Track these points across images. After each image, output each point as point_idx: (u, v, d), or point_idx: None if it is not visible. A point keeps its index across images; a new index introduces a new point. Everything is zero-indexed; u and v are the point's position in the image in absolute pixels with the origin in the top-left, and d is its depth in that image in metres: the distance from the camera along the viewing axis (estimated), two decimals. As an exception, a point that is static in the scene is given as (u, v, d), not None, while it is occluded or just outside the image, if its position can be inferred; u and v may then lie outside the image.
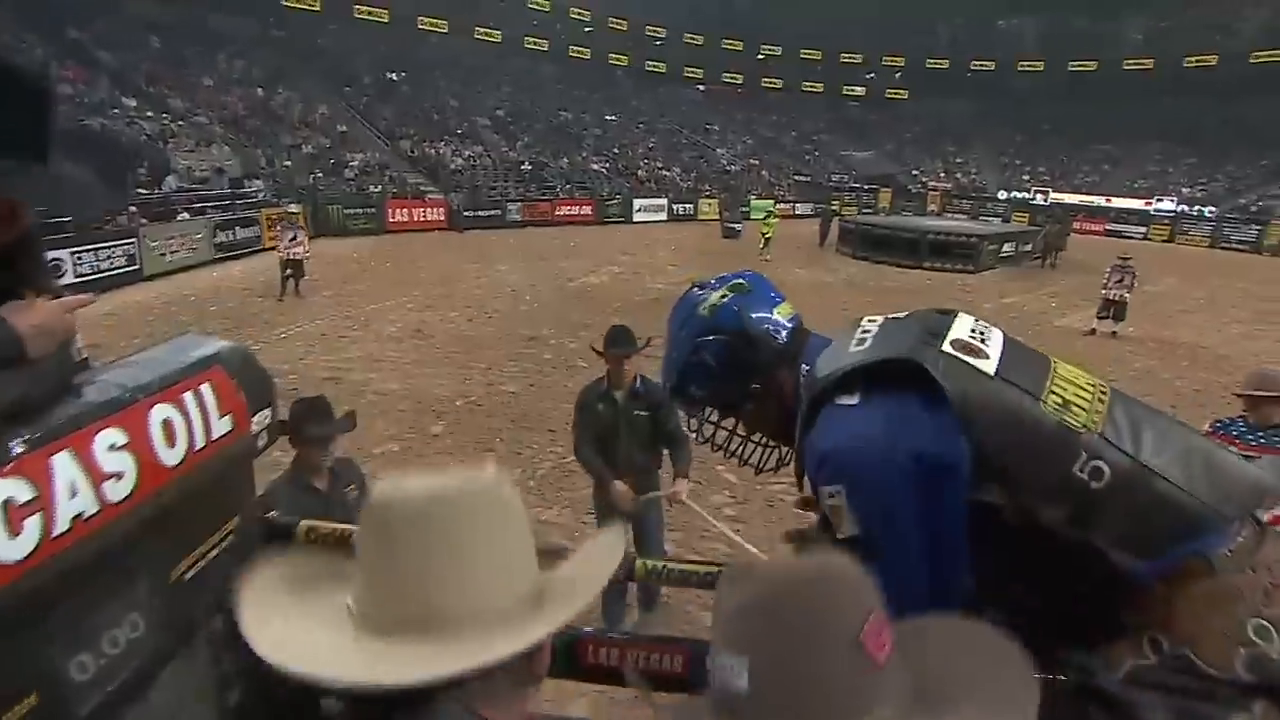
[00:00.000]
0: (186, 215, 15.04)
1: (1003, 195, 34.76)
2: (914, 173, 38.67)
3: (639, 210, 26.46)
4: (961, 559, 0.96)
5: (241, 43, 27.42)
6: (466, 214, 21.59)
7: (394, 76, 30.60)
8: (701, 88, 42.80)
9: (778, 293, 1.27)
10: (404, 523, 0.65)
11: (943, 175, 38.29)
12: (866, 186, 34.67)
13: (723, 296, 1.21)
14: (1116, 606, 0.94)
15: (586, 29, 39.17)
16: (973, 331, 1.09)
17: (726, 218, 23.01)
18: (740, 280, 1.24)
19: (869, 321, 1.14)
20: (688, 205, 27.86)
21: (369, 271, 14.10)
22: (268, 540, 1.35)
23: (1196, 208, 30.56)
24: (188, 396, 1.09)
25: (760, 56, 43.16)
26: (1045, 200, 33.36)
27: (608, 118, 35.63)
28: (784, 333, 1.21)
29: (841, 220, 21.96)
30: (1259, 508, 0.96)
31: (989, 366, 1.02)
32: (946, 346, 1.04)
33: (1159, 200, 31.98)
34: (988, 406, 0.97)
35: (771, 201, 20.03)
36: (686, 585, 1.35)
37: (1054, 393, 1.01)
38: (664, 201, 27.58)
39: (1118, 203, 32.39)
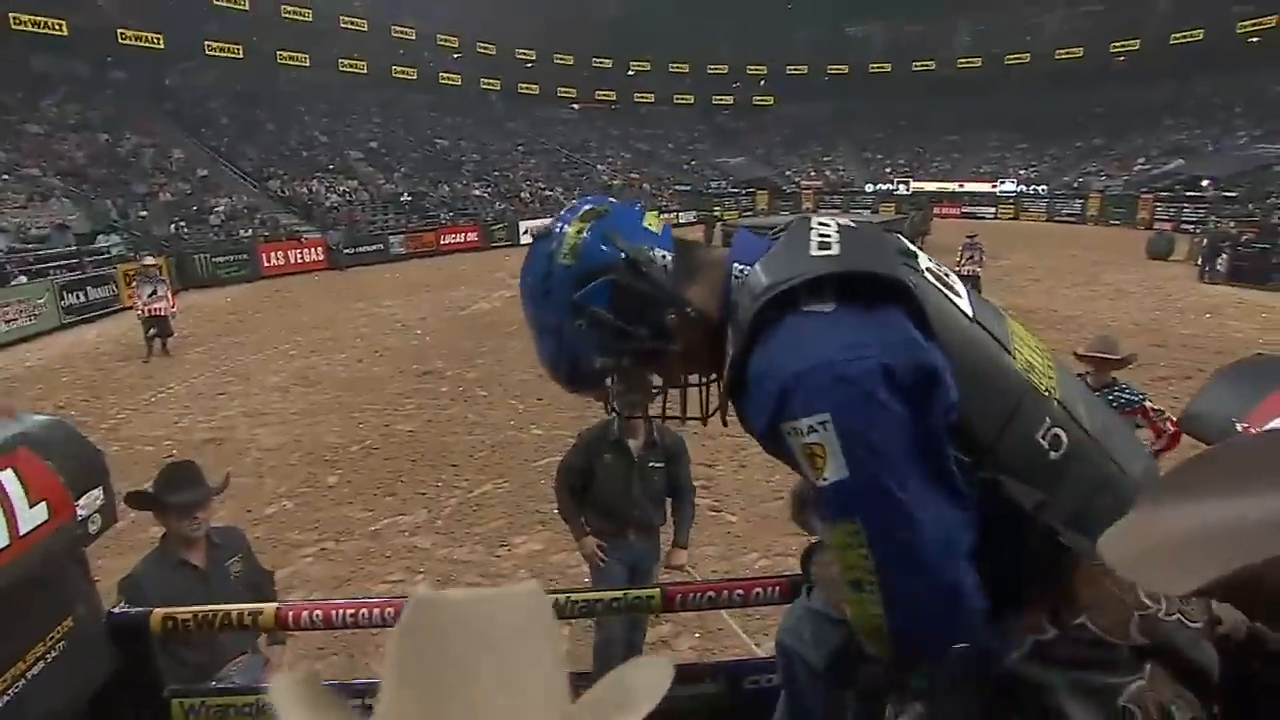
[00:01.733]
0: (24, 279, 13.61)
1: (869, 188, 37.04)
2: (786, 173, 40.57)
3: (526, 232, 26.25)
4: (962, 493, 0.81)
5: (74, 85, 25.22)
6: (347, 251, 20.71)
7: (257, 113, 29.04)
8: (576, 106, 43.20)
9: (630, 206, 1.03)
10: (453, 641, 0.52)
11: (812, 174, 40.36)
12: (744, 190, 36.05)
13: (578, 232, 0.95)
14: (1032, 582, 0.87)
15: (455, 55, 38.71)
16: (933, 261, 0.96)
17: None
18: (587, 207, 0.99)
19: (820, 224, 0.93)
20: (575, 223, 27.89)
21: (246, 321, 13.25)
22: (116, 640, 1.24)
23: (1033, 187, 34.00)
24: (-20, 490, 0.96)
25: (630, 72, 44.06)
26: (908, 190, 35.85)
27: (485, 142, 35.26)
28: (666, 245, 0.98)
29: (724, 225, 22.68)
30: (1152, 475, 0.94)
31: (965, 306, 0.91)
32: (927, 275, 0.91)
33: (1002, 183, 35.21)
34: (965, 350, 0.85)
35: (655, 213, 20.41)
36: (594, 615, 1.34)
37: (1020, 350, 0.92)
38: (549, 221, 27.50)
39: (969, 186, 35.36)
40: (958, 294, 0.93)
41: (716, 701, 1.32)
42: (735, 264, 0.95)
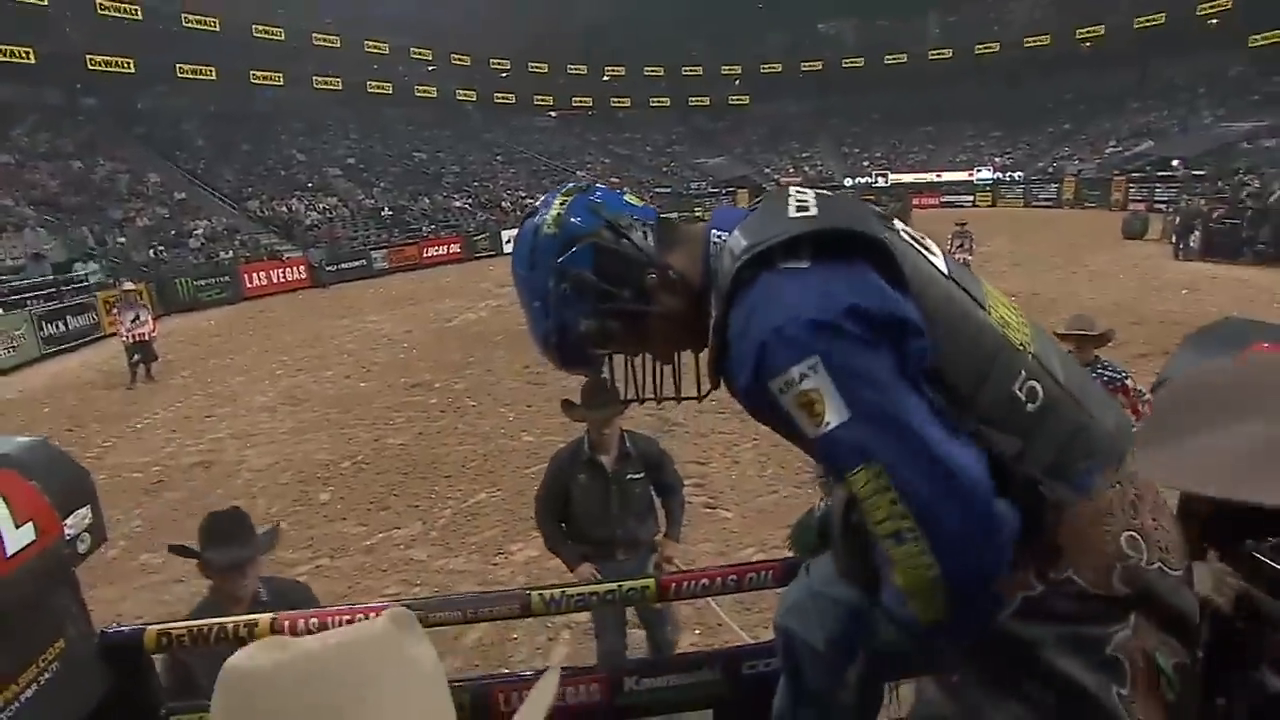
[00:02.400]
0: (1, 310, 13.44)
1: (849, 182, 37.25)
2: (766, 171, 40.75)
3: (509, 241, 26.22)
4: (954, 424, 0.82)
5: (44, 113, 24.94)
6: (329, 268, 20.60)
7: (232, 134, 28.84)
8: (553, 114, 43.24)
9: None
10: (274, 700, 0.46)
11: (791, 171, 40.53)
12: (725, 190, 36.17)
13: (562, 204, 0.99)
14: (1022, 532, 0.86)
15: (430, 68, 38.62)
16: (908, 230, 0.97)
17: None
18: (570, 185, 1.04)
19: (799, 191, 0.94)
20: (558, 229, 27.91)
21: (230, 343, 13.13)
22: (111, 660, 1.23)
23: (1009, 174, 34.40)
24: (-37, 512, 0.95)
25: (605, 78, 44.12)
26: (886, 182, 36.14)
27: (463, 154, 35.19)
28: (648, 218, 1.01)
29: (707, 225, 22.77)
30: (1127, 435, 0.96)
31: (940, 265, 0.93)
32: (904, 235, 0.92)
33: (978, 170, 35.58)
34: (941, 307, 0.87)
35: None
36: (587, 609, 1.35)
37: (995, 308, 0.94)
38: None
39: (947, 176, 35.70)
40: (933, 253, 0.94)
41: (716, 688, 1.33)
42: (714, 231, 0.97)
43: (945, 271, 0.92)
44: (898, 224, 0.95)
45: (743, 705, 1.29)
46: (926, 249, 0.94)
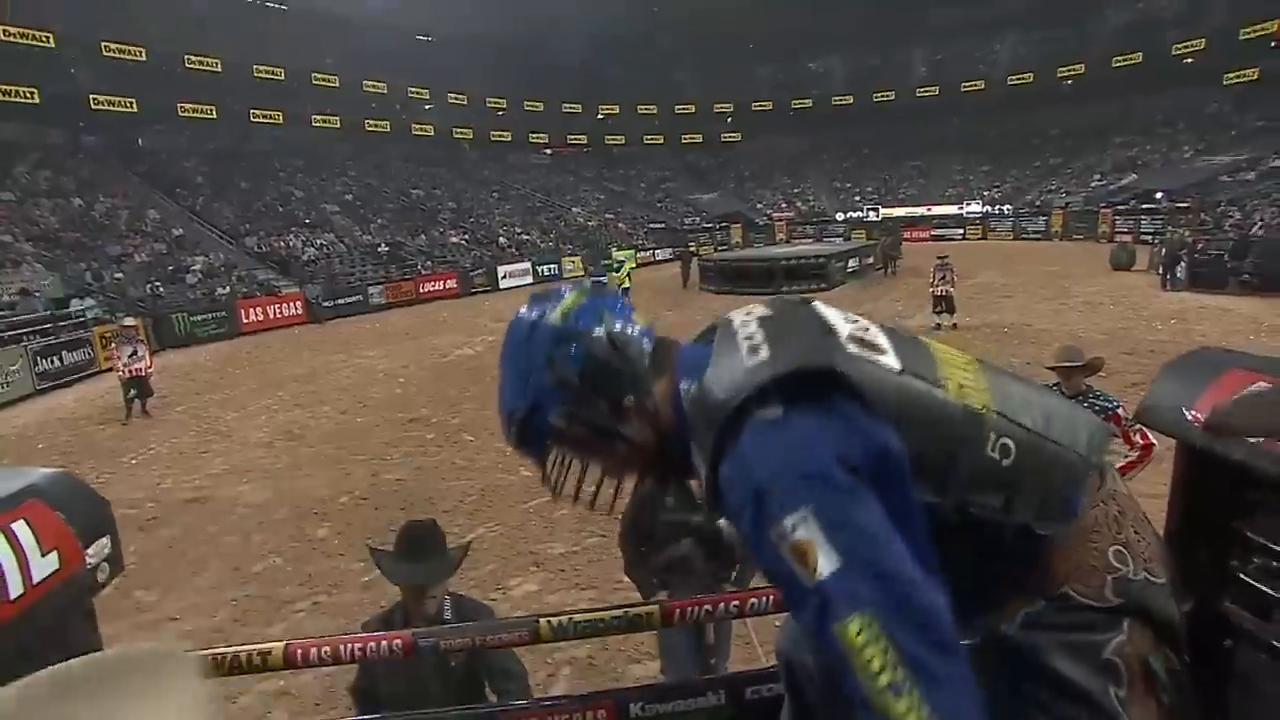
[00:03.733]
0: (-5, 347, 13.43)
1: (840, 216, 37.84)
2: (758, 206, 41.35)
3: (505, 277, 26.45)
4: (933, 553, 0.83)
5: (46, 151, 25.24)
6: (326, 304, 20.71)
7: (231, 172, 29.19)
8: (548, 151, 43.91)
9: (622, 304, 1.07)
10: None
11: (784, 205, 41.17)
12: (719, 225, 36.66)
13: (576, 299, 1.01)
14: (1018, 572, 0.95)
15: (427, 106, 39.31)
16: (848, 321, 1.00)
17: (591, 272, 23.54)
18: (590, 283, 1.06)
19: (742, 325, 0.96)
20: (552, 265, 28.16)
21: (226, 378, 13.13)
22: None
23: (999, 207, 35.00)
24: (-5, 540, 0.98)
25: (600, 116, 44.97)
26: (878, 216, 36.67)
27: (460, 190, 35.64)
28: (649, 338, 1.03)
29: (700, 259, 23.03)
30: (1101, 447, 1.02)
31: (892, 361, 0.94)
32: (851, 347, 0.93)
33: (968, 204, 36.18)
34: (905, 404, 0.90)
35: (632, 251, 20.78)
36: (599, 635, 1.36)
37: (949, 377, 0.96)
38: (528, 265, 27.73)
39: (937, 210, 36.24)
40: (882, 350, 0.95)
41: (719, 714, 1.35)
42: (680, 381, 0.99)
43: (897, 368, 0.93)
44: (842, 329, 0.96)
45: (747, 730, 1.31)
46: (874, 347, 0.95)
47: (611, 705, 1.30)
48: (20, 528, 1.03)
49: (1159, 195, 28.71)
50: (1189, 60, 35.21)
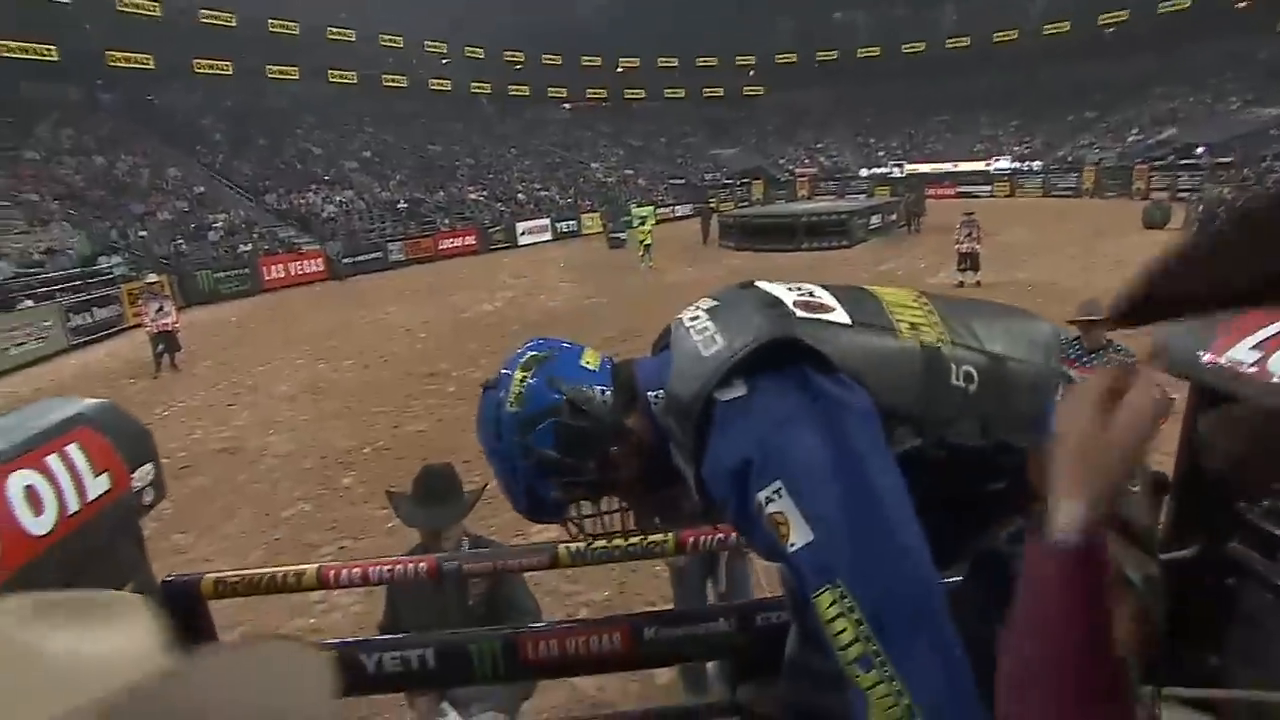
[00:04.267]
0: (30, 303, 13.76)
1: (864, 173, 37.02)
2: (780, 162, 40.53)
3: (524, 233, 26.36)
4: (911, 513, 0.83)
5: (66, 109, 25.36)
6: (346, 261, 20.84)
7: (249, 128, 29.17)
8: (567, 106, 43.22)
9: (572, 344, 1.09)
10: None
11: (807, 161, 40.32)
12: (739, 181, 36.04)
13: (522, 380, 1.01)
14: (1007, 487, 0.94)
15: (444, 60, 38.75)
16: (791, 289, 1.00)
17: (610, 229, 23.35)
18: (530, 354, 1.05)
19: (693, 322, 0.98)
20: (571, 222, 28.01)
21: (250, 334, 13.37)
22: (169, 606, 1.33)
23: (1027, 164, 33.93)
24: (52, 460, 1.05)
25: (619, 70, 44.04)
26: (902, 172, 35.81)
27: (478, 146, 35.33)
28: (605, 381, 1.04)
29: (720, 216, 22.73)
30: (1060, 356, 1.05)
31: (841, 317, 0.95)
32: (799, 312, 0.94)
33: (996, 160, 35.11)
34: (863, 356, 0.91)
35: (652, 207, 20.55)
36: (613, 561, 1.42)
37: (899, 320, 0.97)
38: (547, 221, 27.60)
39: (963, 166, 35.26)
40: (829, 308, 0.96)
41: (732, 638, 1.41)
42: (648, 393, 1.02)
43: (848, 321, 0.95)
44: (778, 292, 0.98)
45: (756, 653, 1.37)
46: (822, 308, 0.96)
47: (626, 628, 1.37)
48: (74, 450, 1.10)
49: (1199, 150, 27.62)
50: (1242, 4, 33.49)
